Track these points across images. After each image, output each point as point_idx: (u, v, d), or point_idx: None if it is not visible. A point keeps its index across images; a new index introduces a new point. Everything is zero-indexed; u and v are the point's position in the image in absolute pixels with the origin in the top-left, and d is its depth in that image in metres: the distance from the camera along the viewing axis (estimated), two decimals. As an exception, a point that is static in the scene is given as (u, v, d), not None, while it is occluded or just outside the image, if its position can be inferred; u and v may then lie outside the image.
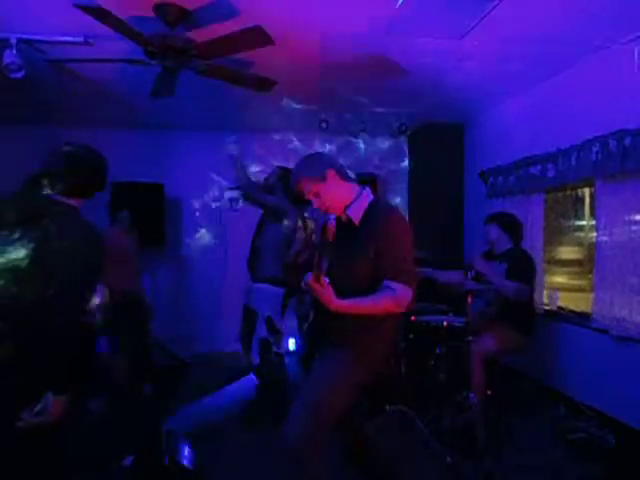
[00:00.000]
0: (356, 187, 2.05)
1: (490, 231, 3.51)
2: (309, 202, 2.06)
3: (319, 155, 2.19)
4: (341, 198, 2.01)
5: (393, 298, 1.86)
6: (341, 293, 1.81)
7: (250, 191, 3.70)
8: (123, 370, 3.79)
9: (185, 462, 2.56)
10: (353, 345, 1.94)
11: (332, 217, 2.05)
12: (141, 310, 4.13)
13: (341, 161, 2.29)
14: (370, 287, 1.89)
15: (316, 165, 2.01)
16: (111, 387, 3.73)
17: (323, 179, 1.97)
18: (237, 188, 4.08)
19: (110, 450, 2.85)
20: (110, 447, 2.92)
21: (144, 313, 4.17)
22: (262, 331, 3.49)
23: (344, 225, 2.03)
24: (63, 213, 1.67)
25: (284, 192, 3.58)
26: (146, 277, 4.22)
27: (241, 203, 4.41)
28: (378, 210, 1.99)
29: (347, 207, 2.01)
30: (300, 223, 3.58)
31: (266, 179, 3.84)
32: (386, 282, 1.87)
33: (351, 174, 2.23)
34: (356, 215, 1.99)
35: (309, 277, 1.80)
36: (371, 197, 2.04)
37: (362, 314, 1.88)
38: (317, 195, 1.99)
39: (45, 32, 3.07)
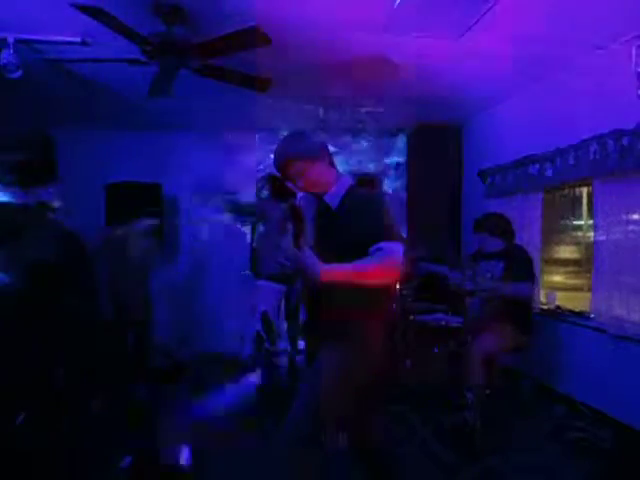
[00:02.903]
0: (335, 172, 2.00)
1: (478, 238, 3.52)
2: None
3: (310, 134, 2.04)
4: (324, 182, 1.95)
5: (386, 255, 1.76)
6: (328, 285, 1.74)
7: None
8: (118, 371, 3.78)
9: (183, 462, 2.56)
10: (348, 340, 1.86)
11: (300, 196, 1.99)
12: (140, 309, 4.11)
13: (339, 161, 2.29)
14: None
15: (311, 144, 1.94)
16: (108, 387, 3.72)
17: (315, 160, 1.91)
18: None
19: (108, 451, 2.84)
20: (108, 448, 2.91)
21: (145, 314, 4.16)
22: (257, 325, 3.51)
23: (322, 212, 1.99)
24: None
25: (273, 195, 3.68)
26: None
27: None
28: (357, 195, 1.95)
29: (325, 193, 1.96)
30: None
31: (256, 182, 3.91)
32: (375, 246, 1.77)
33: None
34: (334, 200, 1.94)
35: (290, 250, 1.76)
36: (349, 182, 2.00)
37: (354, 290, 1.75)
38: (302, 175, 1.92)
39: (42, 32, 3.06)
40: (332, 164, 2.01)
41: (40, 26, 3.00)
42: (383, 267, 1.78)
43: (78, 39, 3.10)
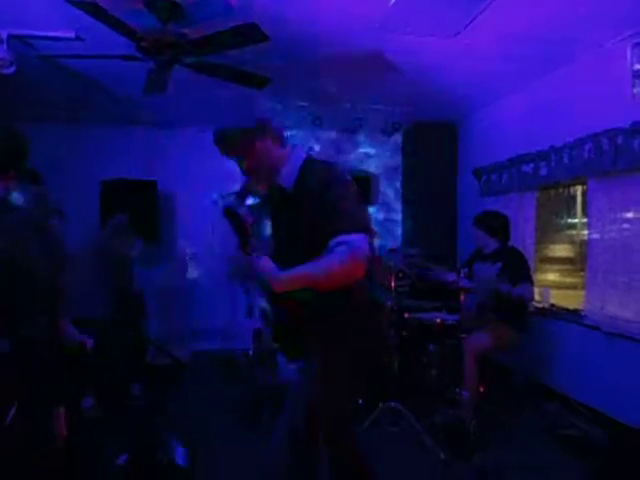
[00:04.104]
0: (285, 149, 1.78)
1: (477, 235, 3.53)
2: None
3: (255, 113, 1.82)
4: (274, 164, 1.74)
5: (349, 250, 1.51)
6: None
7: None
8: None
9: (179, 461, 2.56)
10: (331, 334, 1.73)
11: (242, 207, 1.79)
12: (136, 308, 4.10)
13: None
14: None
15: (256, 123, 1.73)
16: (102, 386, 3.71)
17: (261, 140, 1.71)
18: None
19: (104, 449, 2.84)
20: (104, 446, 2.91)
21: (140, 311, 4.15)
22: (257, 322, 3.50)
23: (278, 195, 1.79)
24: None
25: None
26: (140, 275, 4.19)
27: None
28: (312, 170, 1.71)
29: (277, 175, 1.74)
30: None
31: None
32: (336, 239, 1.54)
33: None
34: (289, 180, 1.72)
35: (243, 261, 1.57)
36: (303, 156, 1.77)
37: (320, 287, 1.55)
38: (248, 158, 1.73)
39: (36, 27, 3.04)
40: (281, 141, 1.78)
41: (34, 21, 2.98)
42: (344, 266, 1.53)
43: (72, 35, 3.07)
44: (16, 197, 2.10)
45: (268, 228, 3.48)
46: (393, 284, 3.50)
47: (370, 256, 1.58)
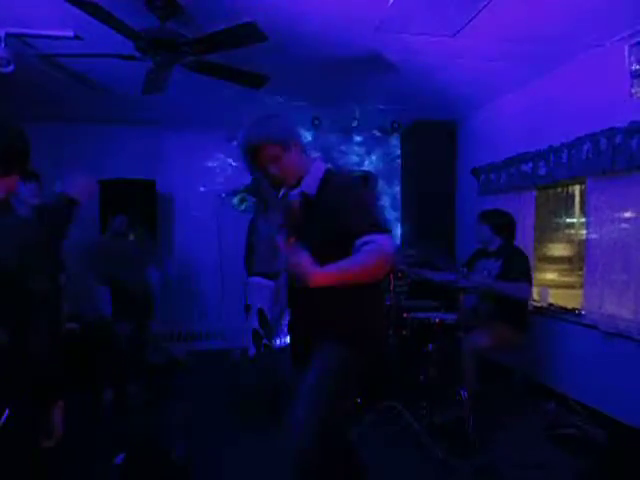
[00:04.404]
0: (308, 157, 1.89)
1: (481, 230, 3.52)
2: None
3: (283, 117, 1.88)
4: (300, 169, 1.82)
5: (377, 248, 1.62)
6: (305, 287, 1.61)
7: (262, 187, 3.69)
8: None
9: (177, 460, 2.56)
10: (342, 336, 1.80)
11: (293, 193, 1.84)
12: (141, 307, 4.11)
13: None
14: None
15: (285, 129, 1.80)
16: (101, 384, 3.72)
17: (289, 145, 1.78)
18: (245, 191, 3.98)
19: (101, 447, 2.84)
20: (101, 444, 2.91)
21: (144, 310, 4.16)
22: (254, 322, 3.52)
23: (300, 202, 1.85)
24: None
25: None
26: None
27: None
28: (335, 180, 1.82)
29: (300, 180, 1.82)
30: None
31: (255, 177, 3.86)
32: (362, 239, 1.64)
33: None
34: (311, 188, 1.81)
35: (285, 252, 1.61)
36: (324, 166, 1.87)
37: (347, 285, 1.63)
38: (277, 162, 1.78)
39: (34, 26, 3.03)
40: (304, 150, 1.88)
41: (32, 20, 2.97)
42: (375, 263, 1.64)
43: (71, 34, 3.07)
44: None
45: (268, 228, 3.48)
46: (392, 284, 3.50)
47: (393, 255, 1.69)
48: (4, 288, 1.38)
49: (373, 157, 5.95)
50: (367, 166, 5.87)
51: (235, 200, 3.95)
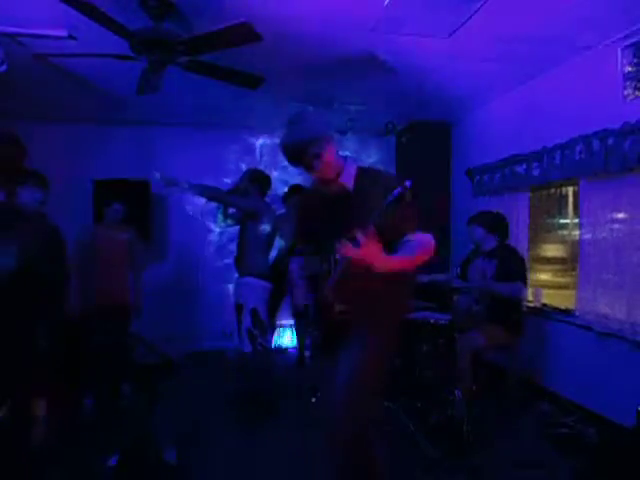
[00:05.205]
0: (342, 157, 1.98)
1: (474, 232, 3.54)
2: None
3: (316, 111, 2.02)
4: (337, 163, 1.91)
5: (421, 243, 1.84)
6: (355, 274, 1.72)
7: (218, 198, 3.68)
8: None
9: (170, 461, 2.55)
10: (373, 328, 1.93)
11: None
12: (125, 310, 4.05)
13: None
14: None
15: (322, 123, 1.87)
16: (94, 386, 3.69)
17: (329, 139, 1.86)
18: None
19: (95, 449, 2.82)
20: (95, 446, 2.89)
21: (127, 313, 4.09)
22: (247, 322, 3.51)
23: (334, 198, 1.94)
24: None
25: (259, 192, 3.67)
26: (130, 274, 4.16)
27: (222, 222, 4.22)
28: (369, 173, 1.96)
29: (338, 175, 1.92)
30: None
31: (237, 183, 3.86)
32: (406, 237, 1.84)
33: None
34: (349, 181, 1.92)
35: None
36: (356, 164, 1.98)
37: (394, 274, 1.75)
38: (319, 158, 1.84)
39: (28, 26, 3.01)
40: (338, 150, 1.96)
41: (25, 20, 2.95)
42: (426, 250, 1.85)
43: (65, 33, 3.05)
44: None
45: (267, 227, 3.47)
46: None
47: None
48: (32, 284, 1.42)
49: (368, 158, 5.96)
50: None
51: (219, 218, 3.92)
